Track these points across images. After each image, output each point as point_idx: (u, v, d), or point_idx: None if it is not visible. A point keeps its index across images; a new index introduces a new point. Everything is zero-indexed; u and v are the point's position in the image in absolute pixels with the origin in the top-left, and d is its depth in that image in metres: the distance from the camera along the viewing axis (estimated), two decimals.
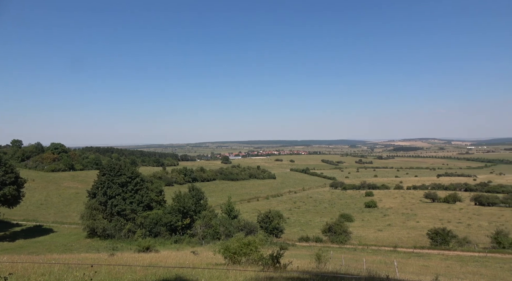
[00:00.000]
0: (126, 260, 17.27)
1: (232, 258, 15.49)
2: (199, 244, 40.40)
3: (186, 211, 47.35)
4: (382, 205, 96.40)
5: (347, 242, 47.09)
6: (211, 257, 19.71)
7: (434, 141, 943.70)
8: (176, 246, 38.73)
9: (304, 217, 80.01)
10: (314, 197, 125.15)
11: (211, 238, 42.21)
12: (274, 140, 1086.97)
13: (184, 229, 46.89)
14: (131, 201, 50.17)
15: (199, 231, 44.37)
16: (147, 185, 55.14)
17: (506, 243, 40.45)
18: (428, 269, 24.57)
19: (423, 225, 62.34)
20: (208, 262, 17.22)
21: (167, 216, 46.06)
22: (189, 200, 48.79)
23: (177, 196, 48.97)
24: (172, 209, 47.35)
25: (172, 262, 17.08)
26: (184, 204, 47.30)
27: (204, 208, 50.73)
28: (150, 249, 28.67)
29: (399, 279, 12.94)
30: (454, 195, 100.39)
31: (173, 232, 46.36)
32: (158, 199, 54.79)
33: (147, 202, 51.67)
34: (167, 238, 44.49)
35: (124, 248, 35.99)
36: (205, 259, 19.84)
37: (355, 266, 20.63)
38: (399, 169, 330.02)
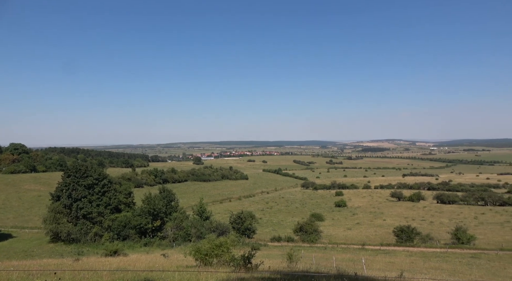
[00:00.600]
0: (92, 265, 16.61)
1: (204, 260, 15.34)
2: (170, 246, 39.63)
3: (156, 213, 46.31)
4: (351, 204, 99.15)
5: (317, 241, 47.98)
6: (182, 260, 19.39)
7: (400, 142, 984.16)
8: (145, 249, 37.76)
9: (276, 217, 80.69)
10: (286, 197, 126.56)
11: (182, 240, 41.55)
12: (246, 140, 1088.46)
13: (154, 232, 45.83)
14: (98, 204, 48.37)
15: (170, 233, 43.53)
16: (115, 187, 53.38)
17: (464, 238, 42.88)
18: (394, 265, 25.55)
19: (389, 223, 64.72)
20: (179, 265, 16.93)
21: (137, 219, 44.83)
22: (160, 202, 47.78)
23: (147, 198, 47.80)
24: (142, 211, 46.15)
25: (141, 265, 16.63)
26: (155, 206, 46.25)
27: (175, 210, 49.87)
28: (118, 253, 27.77)
29: (366, 276, 13.36)
30: (418, 194, 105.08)
31: (143, 234, 45.18)
32: (127, 201, 53.19)
33: (115, 204, 50.02)
34: (137, 241, 43.29)
35: (90, 253, 34.62)
36: (175, 261, 19.50)
37: (325, 265, 21.07)
38: (367, 169, 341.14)
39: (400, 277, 13.69)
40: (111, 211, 49.06)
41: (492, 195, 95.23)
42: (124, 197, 53.12)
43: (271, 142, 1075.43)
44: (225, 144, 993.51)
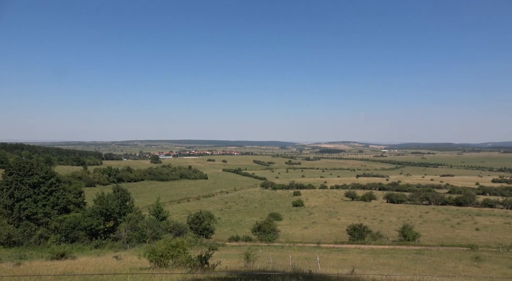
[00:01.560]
0: (36, 270, 15.43)
1: (159, 261, 14.89)
2: (123, 248, 38.03)
3: (109, 214, 44.19)
4: (309, 204, 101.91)
5: (275, 240, 48.69)
6: (136, 262, 18.68)
7: (354, 144, 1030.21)
8: (96, 252, 35.88)
9: (235, 217, 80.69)
10: (245, 197, 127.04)
11: (137, 241, 40.05)
12: (207, 140, 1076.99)
13: (107, 233, 43.70)
14: (44, 204, 45.11)
15: (123, 234, 41.75)
16: (64, 186, 50.11)
17: (410, 236, 45.85)
18: (346, 262, 26.64)
19: (343, 221, 67.38)
20: (132, 267, 16.29)
21: (87, 219, 42.45)
22: (113, 202, 45.64)
23: (99, 198, 45.44)
24: (93, 211, 43.79)
25: (90, 269, 15.75)
26: (108, 206, 44.10)
27: (130, 210, 47.93)
28: (65, 256, 26.07)
29: (320, 273, 13.78)
30: (370, 194, 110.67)
31: (94, 236, 42.88)
32: (77, 201, 50.18)
33: (63, 204, 46.96)
34: (87, 243, 40.99)
35: (34, 256, 32.17)
36: (129, 264, 18.73)
37: (281, 263, 21.43)
38: (324, 170, 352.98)
39: (351, 274, 14.29)
40: (59, 211, 46.01)
41: (435, 195, 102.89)
42: (74, 197, 50.07)
43: (231, 141, 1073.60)
44: (184, 142, 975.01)
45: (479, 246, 39.99)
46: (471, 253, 34.66)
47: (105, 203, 44.45)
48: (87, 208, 47.92)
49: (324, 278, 12.02)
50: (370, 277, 13.06)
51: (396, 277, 13.11)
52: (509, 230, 55.89)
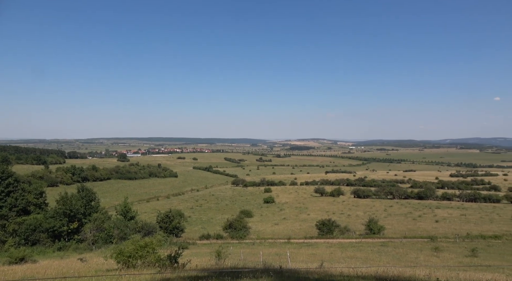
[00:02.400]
0: None
1: (127, 262, 14.48)
2: (89, 250, 36.61)
3: (73, 214, 42.32)
4: (279, 200, 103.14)
5: (246, 237, 48.85)
6: (102, 263, 18.07)
7: (323, 141, 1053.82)
8: (60, 254, 34.27)
9: (206, 215, 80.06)
10: (216, 194, 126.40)
11: (104, 242, 38.69)
12: (176, 137, 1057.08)
13: (71, 235, 41.85)
14: (1, 206, 42.44)
15: (89, 235, 40.17)
16: (23, 186, 47.37)
17: (375, 229, 47.70)
18: (316, 256, 27.29)
19: (313, 217, 68.85)
20: (98, 269, 15.73)
21: (49, 221, 40.40)
22: (78, 202, 43.75)
23: (62, 198, 43.37)
24: (56, 212, 41.74)
25: (52, 272, 15.03)
26: (71, 207, 42.20)
27: (96, 210, 46.17)
28: (25, 260, 24.69)
29: (290, 268, 14.03)
30: (338, 189, 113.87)
31: (57, 238, 40.90)
32: (38, 202, 47.62)
33: (22, 205, 44.41)
34: (49, 245, 39.03)
35: None
36: (94, 265, 18.07)
37: (253, 260, 21.57)
38: (294, 167, 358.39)
39: (320, 267, 14.67)
40: (18, 213, 43.47)
41: (398, 190, 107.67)
42: (34, 198, 47.47)
43: (202, 139, 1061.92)
44: (153, 140, 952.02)
45: (438, 237, 42.36)
46: (431, 244, 36.65)
47: (68, 203, 42.54)
48: (49, 209, 45.61)
49: (293, 273, 12.25)
50: (338, 270, 13.46)
51: (362, 269, 13.61)
52: (464, 222, 59.69)
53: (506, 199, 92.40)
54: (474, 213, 70.55)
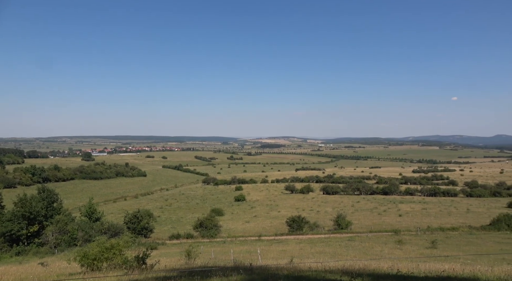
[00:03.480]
0: None
1: (91, 265, 13.94)
2: (51, 253, 34.85)
3: (33, 217, 40.06)
4: (250, 198, 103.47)
5: (217, 235, 48.59)
6: (65, 267, 17.27)
7: (294, 139, 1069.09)
8: (18, 259, 32.37)
9: (175, 214, 78.73)
10: (187, 193, 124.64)
11: (67, 245, 36.99)
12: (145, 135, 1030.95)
13: (31, 238, 39.59)
14: None
15: (50, 238, 38.21)
16: None
17: (343, 224, 49.11)
18: (286, 253, 27.66)
19: (283, 214, 69.69)
20: (60, 273, 15.02)
21: (6, 224, 38.01)
22: (38, 204, 41.46)
23: (21, 200, 40.93)
24: (14, 215, 39.32)
25: (9, 278, 14.16)
26: (31, 209, 39.93)
27: (59, 212, 44.01)
28: None
29: (260, 265, 14.12)
30: (308, 186, 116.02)
31: (15, 242, 38.58)
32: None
33: None
34: (6, 250, 36.74)
35: None
36: (57, 270, 17.23)
37: (223, 258, 21.50)
38: (265, 165, 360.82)
39: (290, 263, 14.90)
40: None
41: (365, 186, 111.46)
42: None
43: (172, 137, 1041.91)
44: (120, 138, 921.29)
45: (401, 230, 44.32)
46: (395, 237, 38.25)
47: (28, 205, 40.23)
48: (5, 212, 42.87)
49: (264, 269, 12.34)
50: (307, 265, 13.73)
51: (330, 263, 13.98)
52: (425, 215, 62.91)
53: (462, 193, 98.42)
54: (434, 207, 74.48)
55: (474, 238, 36.74)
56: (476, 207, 71.76)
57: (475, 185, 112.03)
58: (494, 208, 69.14)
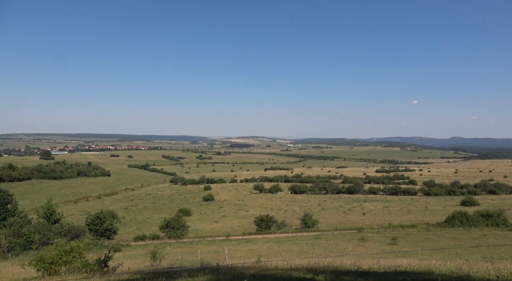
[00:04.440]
0: None
1: (48, 269, 13.23)
2: (4, 258, 32.66)
3: None
4: (219, 198, 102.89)
5: (184, 236, 47.88)
6: (19, 272, 16.27)
7: (263, 139, 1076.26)
8: None
9: (141, 215, 76.61)
10: (153, 193, 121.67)
11: (22, 249, 34.85)
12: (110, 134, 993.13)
13: None
14: None
15: (3, 242, 35.80)
16: None
17: (310, 223, 50.17)
18: (253, 252, 27.82)
19: (252, 213, 69.96)
20: (14, 279, 14.14)
21: None
22: None
23: None
24: None
25: None
26: None
27: (13, 214, 41.44)
28: None
29: (227, 265, 14.11)
30: (277, 186, 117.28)
31: None
32: None
33: None
34: None
35: None
36: (10, 275, 16.20)
37: (190, 259, 21.25)
38: (235, 164, 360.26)
39: (257, 262, 15.00)
40: None
41: (331, 185, 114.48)
42: None
43: (138, 136, 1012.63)
44: (83, 136, 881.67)
45: (364, 228, 46.00)
46: (359, 235, 39.67)
47: None
48: None
49: (230, 269, 12.34)
50: (273, 264, 13.90)
51: (296, 261, 14.24)
52: (387, 213, 65.73)
53: (421, 192, 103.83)
54: (395, 205, 77.98)
55: (431, 235, 38.90)
56: (433, 205, 75.98)
57: (432, 184, 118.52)
58: (449, 206, 73.56)
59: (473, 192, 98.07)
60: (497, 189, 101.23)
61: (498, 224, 42.78)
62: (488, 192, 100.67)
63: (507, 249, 27.28)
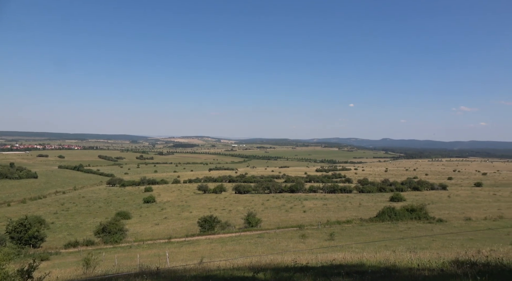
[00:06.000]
0: None
1: None
2: None
3: None
4: (161, 199, 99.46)
5: (123, 240, 45.45)
6: None
7: (208, 139, 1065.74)
8: None
9: (74, 220, 70.93)
10: (88, 196, 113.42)
11: None
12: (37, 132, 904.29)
13: None
14: None
15: None
16: None
17: (253, 222, 50.84)
18: (196, 253, 27.42)
19: (195, 214, 68.78)
20: None
21: None
22: None
23: None
24: None
25: None
26: None
27: None
28: None
29: (168, 268, 13.71)
30: (221, 186, 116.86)
31: None
32: None
33: None
34: None
35: None
36: None
37: (128, 264, 20.24)
38: (178, 164, 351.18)
39: (199, 264, 14.81)
40: None
41: (274, 185, 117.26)
42: None
43: (71, 134, 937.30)
44: (4, 134, 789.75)
45: (305, 225, 47.92)
46: (299, 232, 41.22)
47: None
48: None
49: (171, 272, 12.01)
50: (216, 264, 13.84)
51: (238, 261, 14.34)
52: (326, 210, 69.27)
53: (356, 189, 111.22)
54: (333, 202, 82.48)
55: (364, 229, 41.90)
56: (366, 202, 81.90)
57: (366, 182, 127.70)
58: (380, 202, 79.88)
59: (400, 189, 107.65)
60: (420, 186, 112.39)
61: (420, 218, 47.52)
62: (413, 188, 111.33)
63: (427, 240, 30.52)
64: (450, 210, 62.03)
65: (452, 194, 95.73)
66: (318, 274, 9.02)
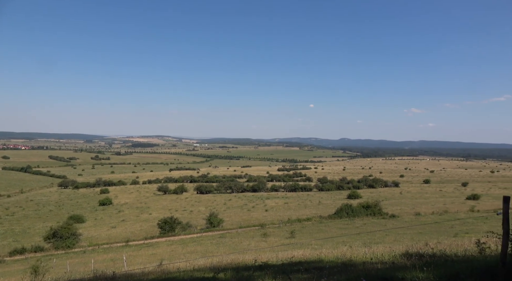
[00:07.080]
0: None
1: None
2: None
3: None
4: (118, 201, 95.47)
5: (76, 245, 43.04)
6: None
7: (168, 138, 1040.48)
8: None
9: (20, 225, 65.85)
10: (37, 199, 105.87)
11: None
12: None
13: None
14: None
15: None
16: None
17: (215, 222, 50.49)
18: (156, 256, 26.66)
19: (155, 216, 66.87)
20: None
21: None
22: None
23: None
24: None
25: None
26: None
27: None
28: None
29: (125, 272, 13.21)
30: (182, 186, 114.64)
31: None
32: None
33: None
34: None
35: None
36: None
37: (82, 270, 19.23)
38: (137, 165, 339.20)
39: (159, 266, 14.42)
40: None
41: (236, 184, 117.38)
42: None
43: (17, 133, 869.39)
44: None
45: (267, 224, 48.46)
46: (261, 231, 41.61)
47: None
48: None
49: (128, 276, 11.59)
50: (176, 266, 13.57)
51: (199, 261, 14.18)
52: (287, 209, 70.60)
53: (316, 188, 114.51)
54: (294, 201, 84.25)
55: (323, 226, 43.26)
56: (326, 200, 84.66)
57: (325, 181, 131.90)
58: (338, 199, 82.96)
59: (357, 186, 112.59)
60: (375, 183, 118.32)
61: (375, 214, 50.01)
62: (368, 186, 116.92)
63: (381, 235, 32.19)
64: (402, 206, 65.97)
65: (404, 190, 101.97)
66: (278, 271, 9.18)
